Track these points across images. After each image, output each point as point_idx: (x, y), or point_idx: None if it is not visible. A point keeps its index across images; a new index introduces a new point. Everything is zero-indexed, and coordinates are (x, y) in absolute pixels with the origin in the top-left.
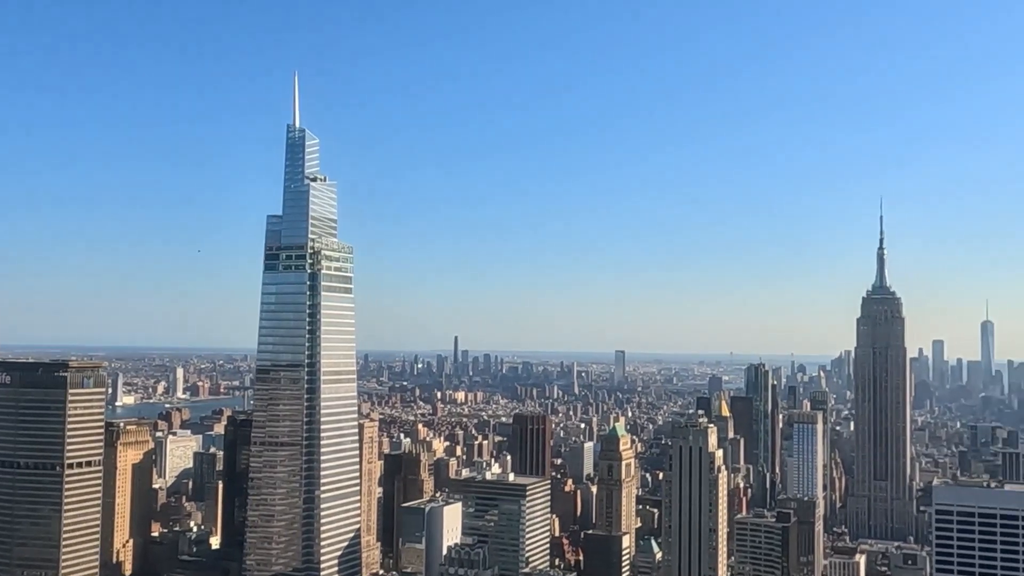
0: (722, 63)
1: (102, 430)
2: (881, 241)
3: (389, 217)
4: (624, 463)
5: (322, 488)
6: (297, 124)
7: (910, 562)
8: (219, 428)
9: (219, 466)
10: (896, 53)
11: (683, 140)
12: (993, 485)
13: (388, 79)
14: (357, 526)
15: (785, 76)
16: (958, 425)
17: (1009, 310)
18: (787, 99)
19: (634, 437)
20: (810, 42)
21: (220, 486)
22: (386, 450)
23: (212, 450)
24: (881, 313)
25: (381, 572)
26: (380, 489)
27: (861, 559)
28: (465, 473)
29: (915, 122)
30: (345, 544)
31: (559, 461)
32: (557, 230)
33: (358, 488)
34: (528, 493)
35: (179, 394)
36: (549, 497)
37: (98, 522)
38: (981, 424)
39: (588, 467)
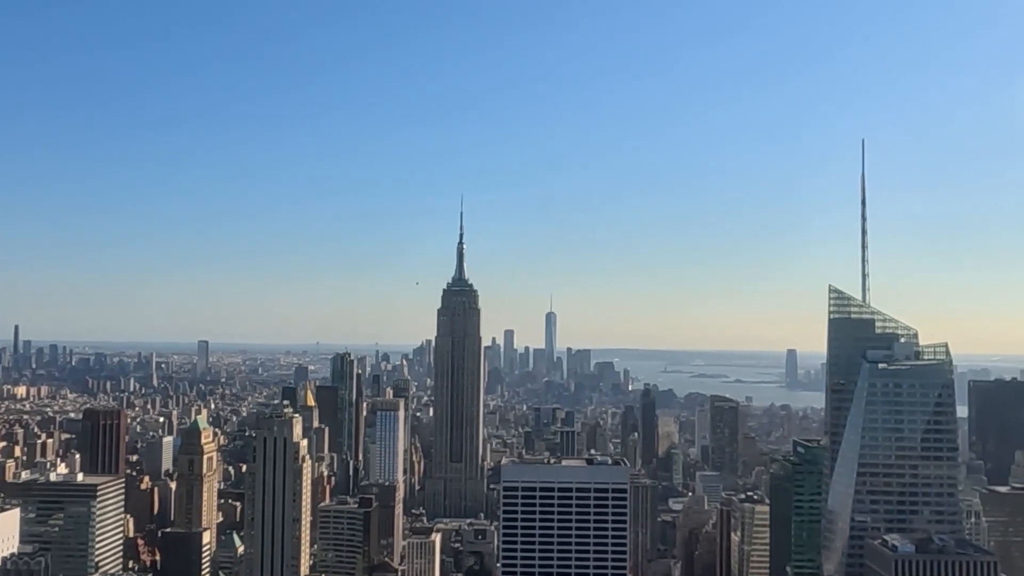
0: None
1: None
2: (461, 236)
3: None
4: (206, 457)
5: None
6: None
7: (480, 536)
8: None
9: None
10: (478, 56)
11: (280, 128)
12: (552, 461)
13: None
14: None
15: (370, 73)
16: (525, 408)
17: (569, 303)
18: (355, 97)
19: (217, 430)
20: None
21: None
22: None
23: None
24: (460, 304)
25: None
26: None
27: (437, 537)
28: (25, 475)
29: (492, 124)
30: None
31: (135, 458)
32: (139, 211)
33: None
34: (99, 493)
35: None
36: (123, 496)
37: None
38: (544, 406)
39: (168, 462)
